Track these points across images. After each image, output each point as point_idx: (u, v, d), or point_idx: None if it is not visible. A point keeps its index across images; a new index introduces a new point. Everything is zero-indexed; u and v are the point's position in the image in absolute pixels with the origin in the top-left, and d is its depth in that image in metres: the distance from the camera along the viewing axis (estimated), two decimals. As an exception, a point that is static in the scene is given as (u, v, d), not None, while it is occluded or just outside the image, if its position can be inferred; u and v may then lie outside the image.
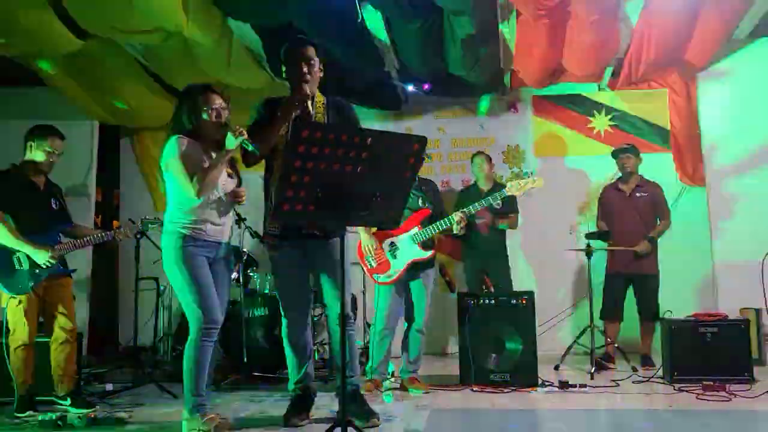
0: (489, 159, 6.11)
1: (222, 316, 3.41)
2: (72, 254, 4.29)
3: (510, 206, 5.83)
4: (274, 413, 3.78)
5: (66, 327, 4.15)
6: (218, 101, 3.40)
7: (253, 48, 5.72)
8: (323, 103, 3.69)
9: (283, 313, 3.67)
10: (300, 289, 3.65)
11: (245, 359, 4.95)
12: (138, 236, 4.71)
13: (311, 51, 3.59)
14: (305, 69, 3.54)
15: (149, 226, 4.56)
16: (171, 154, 3.29)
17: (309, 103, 3.58)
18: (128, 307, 6.11)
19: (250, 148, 3.29)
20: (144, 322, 5.39)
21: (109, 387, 4.76)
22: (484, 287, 5.37)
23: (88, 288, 6.34)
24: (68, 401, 4.10)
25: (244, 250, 5.37)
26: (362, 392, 3.74)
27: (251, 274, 5.57)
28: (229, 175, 3.47)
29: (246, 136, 3.27)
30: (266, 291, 5.50)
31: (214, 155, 3.38)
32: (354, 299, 5.61)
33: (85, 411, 3.96)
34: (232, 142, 3.27)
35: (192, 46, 5.16)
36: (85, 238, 4.23)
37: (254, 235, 5.65)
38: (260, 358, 5.09)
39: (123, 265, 6.96)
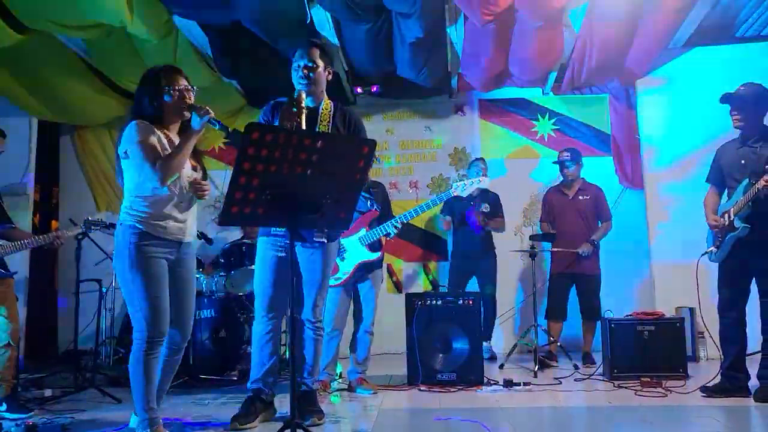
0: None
1: (189, 326, 3.24)
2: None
3: (496, 209, 6.04)
4: (220, 416, 3.74)
5: (8, 330, 4.00)
6: (182, 82, 3.13)
7: (200, 46, 5.64)
8: (330, 111, 3.57)
9: (261, 312, 3.58)
10: (285, 290, 3.55)
11: (191, 362, 4.88)
12: (79, 237, 4.57)
13: (314, 53, 3.47)
14: (305, 71, 3.44)
15: (92, 227, 4.44)
16: (130, 140, 3.01)
17: (302, 106, 3.29)
18: (69, 309, 5.94)
19: (217, 127, 3.07)
20: (85, 325, 5.23)
21: (48, 392, 4.60)
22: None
23: (25, 290, 6.12)
24: (4, 407, 3.94)
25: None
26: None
27: (198, 275, 5.48)
28: (194, 168, 3.23)
29: (212, 114, 3.05)
30: (213, 293, 5.42)
31: (177, 141, 3.14)
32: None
33: (22, 417, 3.83)
34: (197, 122, 3.04)
35: (136, 42, 5.05)
36: (23, 241, 4.09)
37: (200, 236, 5.58)
38: (206, 360, 5.03)
39: (63, 266, 6.76)
